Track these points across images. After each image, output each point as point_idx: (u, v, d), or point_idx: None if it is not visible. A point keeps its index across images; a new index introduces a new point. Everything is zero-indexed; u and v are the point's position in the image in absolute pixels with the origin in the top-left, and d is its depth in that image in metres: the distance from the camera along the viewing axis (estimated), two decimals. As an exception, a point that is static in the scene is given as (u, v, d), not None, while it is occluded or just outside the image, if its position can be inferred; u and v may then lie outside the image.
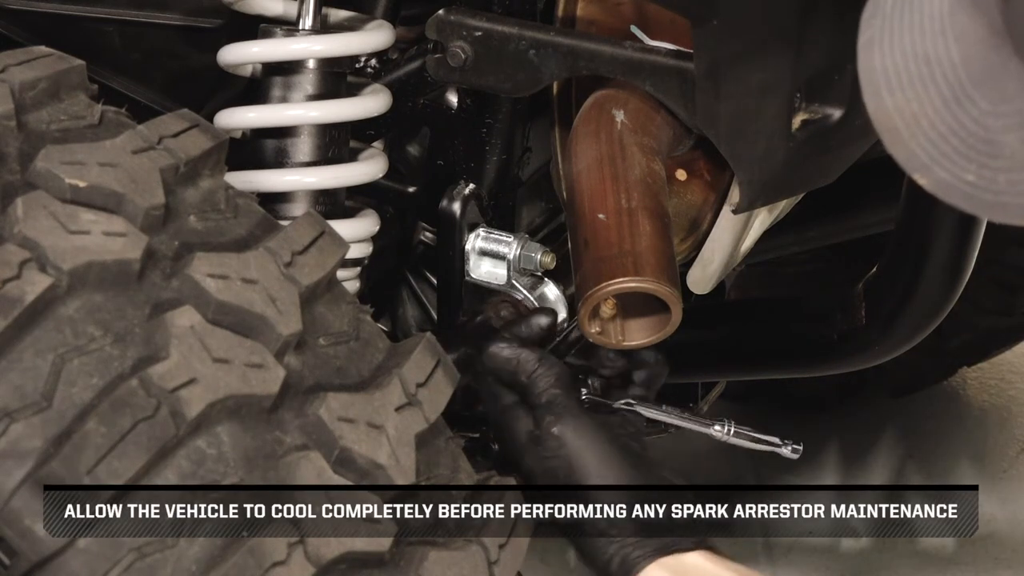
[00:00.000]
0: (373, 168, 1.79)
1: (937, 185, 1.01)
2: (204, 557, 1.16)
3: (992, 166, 0.98)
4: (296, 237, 1.35)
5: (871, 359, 1.91)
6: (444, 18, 1.62)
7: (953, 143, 0.99)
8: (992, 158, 0.98)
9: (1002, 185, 0.98)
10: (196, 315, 1.23)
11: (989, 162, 0.98)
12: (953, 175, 1.00)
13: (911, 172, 1.02)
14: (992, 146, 0.98)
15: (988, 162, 0.98)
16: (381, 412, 1.29)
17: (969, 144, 0.99)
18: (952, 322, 1.95)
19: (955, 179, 1.00)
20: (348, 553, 1.22)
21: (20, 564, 1.14)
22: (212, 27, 1.86)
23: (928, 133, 1.00)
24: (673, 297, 1.49)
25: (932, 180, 1.01)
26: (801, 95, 1.56)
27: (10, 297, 1.17)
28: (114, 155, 1.29)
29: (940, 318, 1.82)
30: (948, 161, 1.00)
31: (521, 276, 1.79)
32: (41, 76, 1.34)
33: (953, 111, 0.99)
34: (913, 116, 1.00)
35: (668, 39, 1.62)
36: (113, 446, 1.15)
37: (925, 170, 1.01)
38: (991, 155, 0.98)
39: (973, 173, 0.99)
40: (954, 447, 3.16)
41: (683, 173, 1.73)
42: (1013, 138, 0.97)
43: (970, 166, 0.99)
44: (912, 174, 1.02)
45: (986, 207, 1.00)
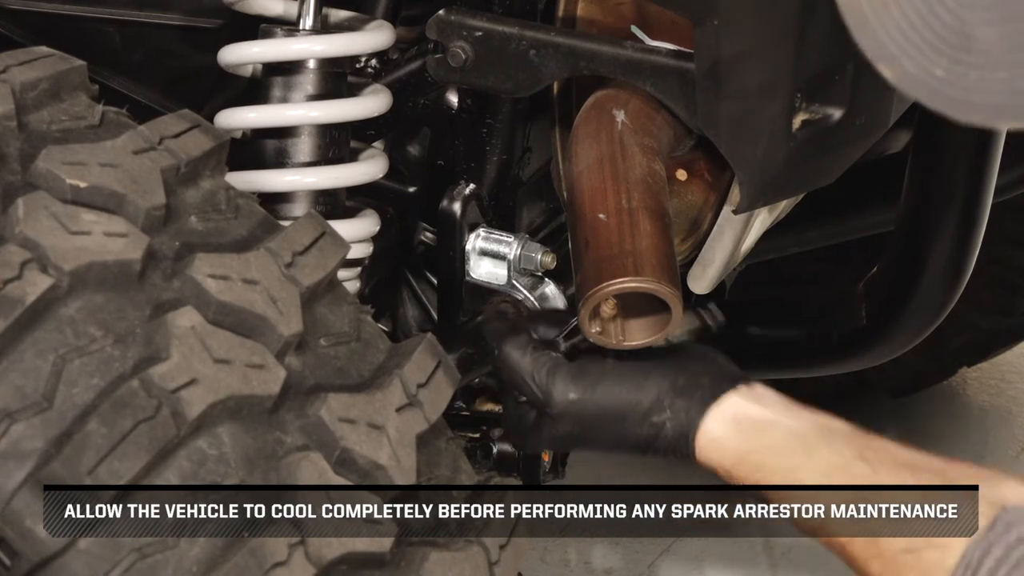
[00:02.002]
0: (373, 168, 1.79)
1: (903, 78, 0.97)
2: (205, 558, 1.16)
3: (965, 61, 0.93)
4: (297, 237, 1.35)
5: (871, 359, 1.91)
6: (444, 18, 1.62)
7: (924, 34, 0.95)
8: (965, 52, 0.93)
9: (972, 82, 0.93)
10: (197, 316, 1.23)
11: (962, 57, 0.93)
12: (922, 68, 0.95)
13: (876, 62, 0.98)
14: (966, 40, 0.93)
15: (961, 57, 0.93)
16: (382, 413, 1.29)
17: (941, 36, 0.94)
18: (952, 322, 1.95)
19: (923, 72, 0.95)
20: (349, 554, 1.22)
21: (21, 565, 1.14)
22: (212, 27, 1.86)
23: (898, 21, 0.96)
24: (673, 297, 1.48)
25: (899, 72, 0.97)
26: (801, 95, 1.56)
27: (11, 297, 1.17)
28: (115, 155, 1.29)
29: (940, 318, 1.83)
30: (918, 53, 0.95)
31: (521, 276, 1.79)
32: (42, 76, 1.34)
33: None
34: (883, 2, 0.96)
35: (668, 39, 1.62)
36: (114, 447, 1.15)
37: (892, 60, 0.97)
38: (964, 49, 0.93)
39: (943, 68, 0.94)
40: (954, 447, 3.16)
41: (683, 173, 1.72)
42: (990, 32, 0.92)
43: (941, 60, 0.94)
44: (877, 64, 0.97)
45: (952, 104, 0.96)
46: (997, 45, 0.93)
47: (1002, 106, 0.94)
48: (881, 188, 2.07)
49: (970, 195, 1.77)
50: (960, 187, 1.77)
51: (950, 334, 2.83)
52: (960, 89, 0.95)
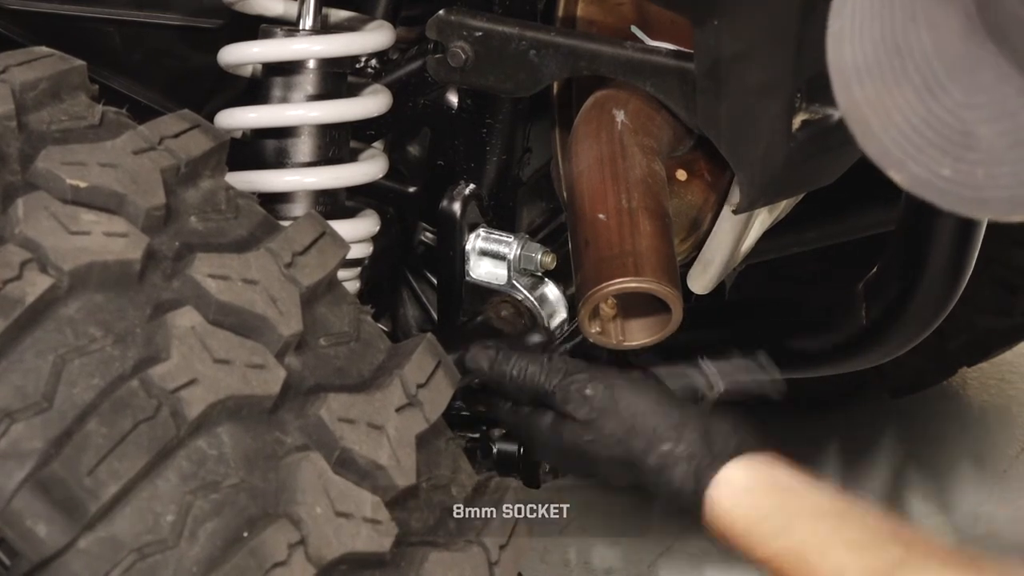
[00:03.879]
0: (373, 168, 1.79)
1: (913, 181, 0.98)
2: (205, 558, 1.16)
3: (968, 159, 0.95)
4: (297, 238, 1.35)
5: (871, 359, 1.91)
6: (444, 18, 1.62)
7: (927, 136, 0.96)
8: (968, 151, 0.94)
9: (980, 179, 0.95)
10: (197, 316, 1.23)
11: (965, 155, 0.95)
12: (928, 170, 0.97)
13: (885, 168, 0.99)
14: (968, 138, 0.94)
15: (964, 155, 0.95)
16: (382, 413, 1.29)
17: (944, 137, 0.95)
18: (952, 322, 1.95)
19: (931, 174, 0.96)
20: (349, 554, 1.22)
21: (21, 565, 1.14)
22: (212, 27, 1.86)
23: (901, 127, 0.97)
24: (673, 297, 1.49)
25: (907, 176, 0.98)
26: (801, 95, 1.56)
27: (11, 298, 1.17)
28: (115, 156, 1.29)
29: (940, 318, 1.83)
30: (923, 155, 0.96)
31: (521, 276, 1.79)
32: (42, 76, 1.34)
33: (927, 103, 0.95)
34: (885, 109, 0.97)
35: (668, 39, 1.62)
36: (114, 447, 1.15)
37: (899, 166, 0.98)
38: (967, 148, 0.94)
39: (949, 167, 0.95)
40: (954, 447, 3.16)
41: (683, 173, 1.73)
42: (989, 130, 0.94)
43: (945, 160, 0.95)
44: (886, 171, 0.99)
45: (965, 203, 0.97)
46: (997, 141, 0.94)
47: (1013, 199, 0.95)
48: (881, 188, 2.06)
49: (970, 195, 1.77)
50: (960, 187, 1.76)
51: (950, 334, 2.83)
52: (970, 188, 0.96)
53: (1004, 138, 0.93)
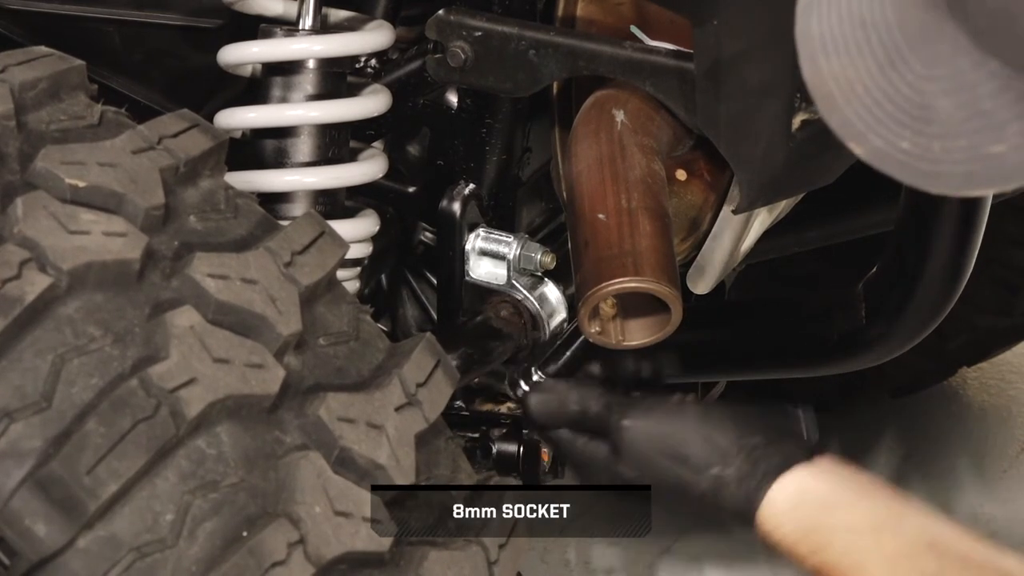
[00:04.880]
0: (373, 168, 1.79)
1: (872, 154, 1.00)
2: (204, 557, 1.16)
3: (927, 132, 0.96)
4: (296, 237, 1.35)
5: (871, 359, 1.91)
6: (444, 18, 1.62)
7: (888, 109, 0.98)
8: (927, 124, 0.96)
9: (937, 153, 0.96)
10: (196, 315, 1.23)
11: (924, 128, 0.96)
12: (888, 143, 0.98)
13: (846, 140, 1.00)
14: (926, 111, 0.96)
15: (923, 128, 0.96)
16: (381, 412, 1.29)
17: (904, 110, 0.97)
18: (952, 322, 1.95)
19: (890, 147, 0.98)
20: (348, 553, 1.22)
21: (20, 564, 1.14)
22: (212, 27, 1.86)
23: (863, 99, 0.99)
24: (673, 297, 1.49)
25: (867, 148, 1.00)
26: (801, 95, 1.56)
27: (10, 297, 1.17)
28: (114, 155, 1.29)
29: (940, 318, 1.82)
30: (883, 128, 0.98)
31: (521, 276, 1.79)
32: (41, 76, 1.34)
33: (888, 75, 0.97)
34: (848, 81, 0.99)
35: (668, 39, 1.62)
36: (113, 446, 1.15)
37: (860, 138, 1.00)
38: (925, 121, 0.96)
39: (908, 140, 0.97)
40: (954, 447, 3.16)
41: (683, 173, 1.72)
42: (947, 103, 0.95)
43: (905, 133, 0.97)
44: (847, 142, 1.00)
45: (922, 176, 0.99)
46: (954, 114, 0.96)
47: (970, 173, 0.96)
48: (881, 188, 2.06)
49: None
50: (960, 187, 1.76)
51: (950, 334, 2.83)
52: (927, 161, 0.98)
53: (960, 111, 0.95)
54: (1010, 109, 0.94)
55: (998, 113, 0.94)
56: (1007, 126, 0.94)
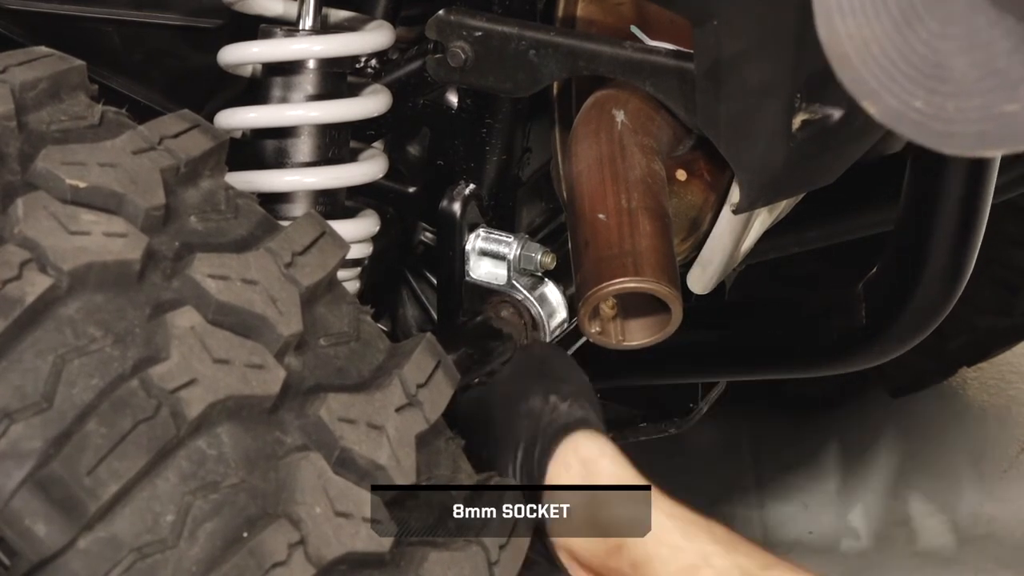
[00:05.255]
0: (373, 168, 1.79)
1: (886, 113, 1.00)
2: (204, 558, 1.16)
3: (941, 91, 0.97)
4: (296, 238, 1.35)
5: (871, 359, 1.91)
6: (444, 18, 1.62)
7: (902, 68, 0.98)
8: (941, 83, 0.96)
9: (951, 112, 0.96)
10: (196, 316, 1.23)
11: (938, 87, 0.97)
12: (902, 102, 0.99)
13: (860, 99, 1.01)
14: (941, 70, 0.96)
15: (937, 87, 0.97)
16: (381, 413, 1.29)
17: (918, 69, 0.97)
18: (952, 322, 1.95)
19: (904, 106, 0.98)
20: (349, 554, 1.22)
21: (20, 565, 1.14)
22: (212, 27, 1.86)
23: (878, 58, 0.99)
24: (673, 297, 1.49)
25: (881, 108, 1.00)
26: (801, 95, 1.56)
27: (10, 298, 1.17)
28: (114, 155, 1.29)
29: (940, 318, 1.83)
30: (897, 87, 0.98)
31: (521, 276, 1.79)
32: (41, 76, 1.33)
33: (904, 34, 0.98)
34: (864, 41, 0.99)
35: (668, 39, 1.62)
36: (113, 447, 1.15)
37: (875, 97, 1.00)
38: (940, 79, 0.96)
39: (922, 99, 0.97)
40: (954, 447, 3.16)
41: (683, 173, 1.73)
42: (961, 61, 0.95)
43: (919, 92, 0.97)
44: (861, 101, 1.01)
45: (936, 136, 0.98)
46: (968, 73, 0.96)
47: (982, 133, 0.96)
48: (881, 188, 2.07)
49: (970, 195, 1.77)
50: (959, 187, 1.77)
51: (950, 334, 2.83)
52: (941, 121, 0.97)
53: (975, 70, 0.95)
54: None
55: (1012, 71, 0.94)
56: (1021, 85, 0.94)
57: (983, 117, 0.95)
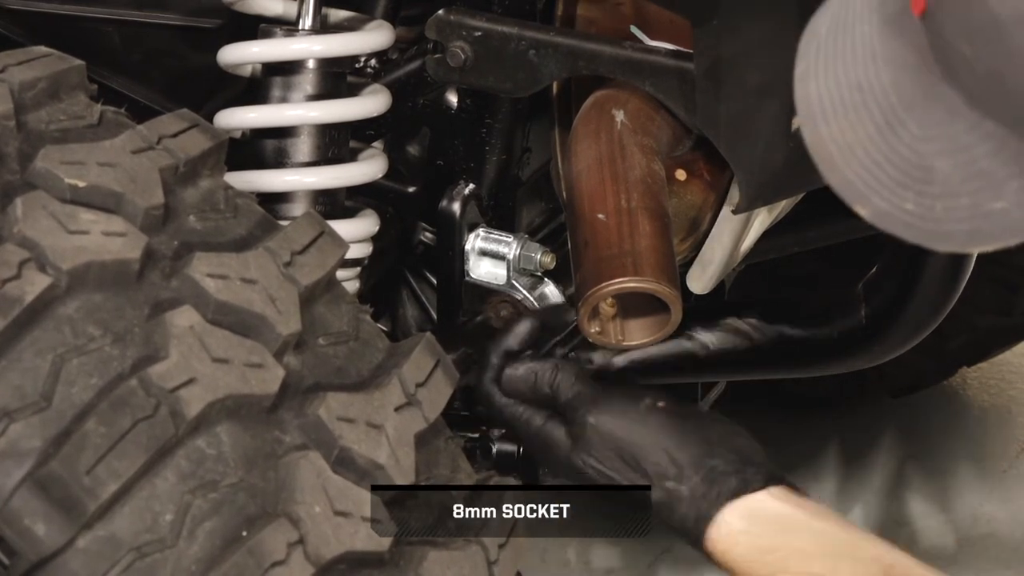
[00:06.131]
0: (373, 168, 1.79)
1: (877, 215, 1.00)
2: (204, 557, 1.16)
3: (928, 193, 0.97)
4: (296, 237, 1.35)
5: (871, 359, 1.91)
6: (444, 18, 1.62)
7: (888, 171, 0.99)
8: (927, 184, 0.97)
9: (939, 212, 0.97)
10: (195, 315, 1.23)
11: (925, 188, 0.97)
12: (892, 204, 0.99)
13: (850, 202, 1.01)
14: (926, 172, 0.97)
15: (924, 189, 0.97)
16: (381, 412, 1.29)
17: (904, 171, 0.98)
18: (952, 322, 1.95)
19: (894, 208, 0.99)
20: (348, 553, 1.22)
21: (20, 564, 1.14)
22: (212, 27, 1.86)
23: (864, 162, 0.99)
24: (673, 297, 1.49)
25: (872, 210, 1.00)
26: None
27: (10, 297, 1.17)
28: (113, 155, 1.29)
29: (940, 318, 1.82)
30: (886, 190, 0.99)
31: (521, 276, 1.79)
32: (40, 76, 1.34)
33: (886, 137, 0.98)
34: (848, 144, 1.00)
35: (668, 39, 1.62)
36: (112, 446, 1.15)
37: (864, 200, 1.00)
38: (926, 181, 0.97)
39: (911, 201, 0.98)
40: (954, 447, 3.16)
41: (683, 173, 1.72)
42: (945, 164, 0.96)
43: (908, 194, 0.98)
44: (852, 205, 1.01)
45: (927, 236, 0.99)
46: (953, 175, 0.96)
47: (973, 231, 0.97)
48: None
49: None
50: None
51: (950, 334, 2.83)
52: (931, 221, 0.98)
53: (959, 171, 0.96)
54: (1007, 167, 0.94)
55: (996, 172, 0.95)
56: (1006, 184, 0.94)
57: (973, 216, 0.96)
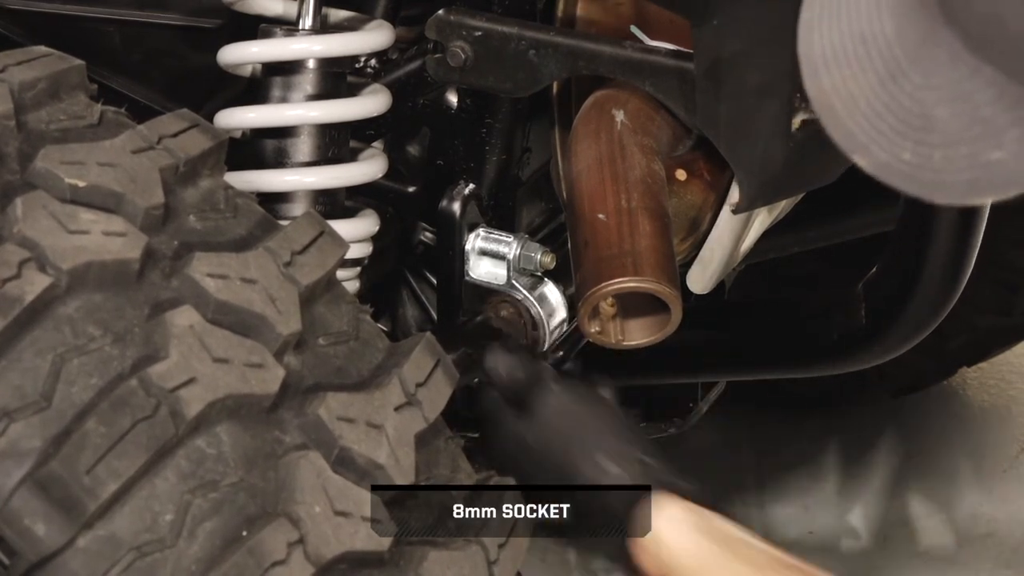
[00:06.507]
0: (373, 168, 1.79)
1: (876, 166, 1.01)
2: (203, 556, 1.16)
3: (927, 142, 0.97)
4: (296, 237, 1.35)
5: (871, 359, 1.91)
6: (444, 18, 1.62)
7: (889, 121, 0.99)
8: (928, 134, 0.97)
9: (938, 162, 0.97)
10: (195, 315, 1.23)
11: (924, 138, 0.97)
12: (891, 154, 0.99)
13: (850, 153, 1.02)
14: (926, 121, 0.97)
15: (923, 138, 0.97)
16: (380, 412, 1.29)
17: (905, 121, 0.98)
18: (952, 322, 1.95)
19: (893, 158, 0.99)
20: (348, 553, 1.22)
21: (20, 564, 1.14)
22: (212, 27, 1.86)
23: (865, 111, 1.00)
24: (673, 297, 1.49)
25: (871, 161, 1.01)
26: (801, 95, 1.56)
27: (10, 297, 1.17)
28: (114, 155, 1.29)
29: (940, 318, 1.82)
30: (885, 140, 0.99)
31: (521, 276, 1.79)
32: (41, 76, 1.34)
33: (888, 88, 0.98)
34: (850, 95, 1.00)
35: (668, 39, 1.62)
36: (112, 446, 1.15)
37: (863, 150, 1.01)
38: (926, 130, 0.97)
39: (910, 151, 0.98)
40: (954, 447, 3.16)
41: (683, 173, 1.73)
42: (945, 111, 0.96)
43: (906, 144, 0.98)
44: (851, 155, 1.02)
45: (925, 187, 0.99)
46: (953, 123, 0.97)
47: (972, 181, 0.97)
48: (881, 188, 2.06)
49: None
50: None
51: (950, 334, 2.83)
52: (929, 171, 0.98)
53: (959, 119, 0.96)
54: (1007, 115, 0.95)
55: (996, 120, 0.95)
56: (1005, 132, 0.95)
57: (971, 165, 0.96)
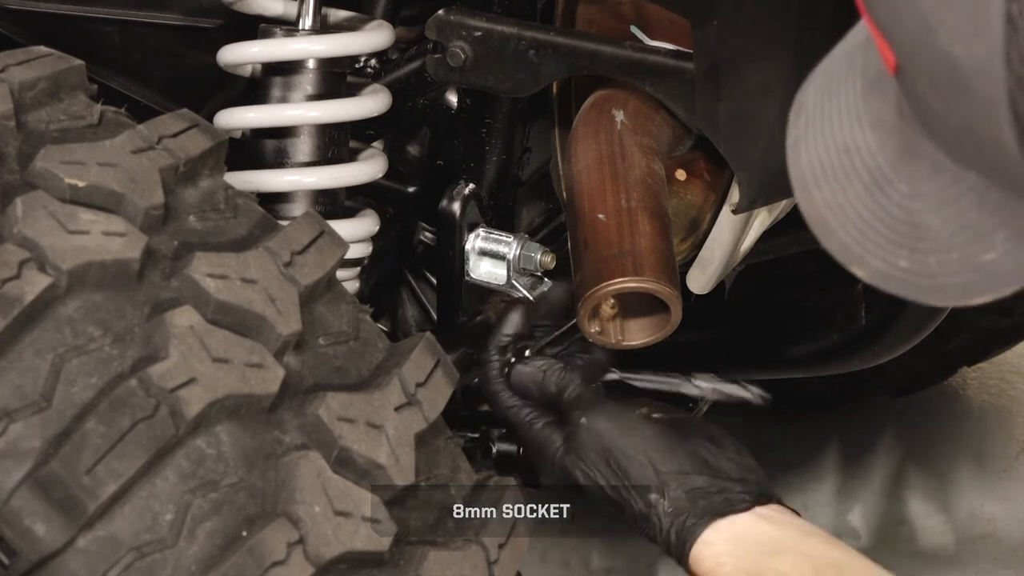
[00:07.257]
0: (373, 168, 1.79)
1: (874, 275, 1.01)
2: (203, 557, 1.16)
3: (921, 249, 0.98)
4: (296, 237, 1.35)
5: (871, 359, 1.91)
6: (444, 18, 1.62)
7: (881, 231, 0.99)
8: (919, 241, 0.98)
9: (933, 267, 0.98)
10: (195, 315, 1.23)
11: (917, 245, 0.98)
12: (887, 263, 1.00)
13: (847, 265, 1.02)
14: (917, 229, 0.98)
15: (916, 245, 0.98)
16: (380, 412, 1.29)
17: (896, 229, 0.99)
18: (952, 322, 1.95)
19: (890, 267, 1.00)
20: (348, 553, 1.22)
21: (20, 564, 1.14)
22: (212, 27, 1.86)
23: (856, 223, 1.00)
24: (673, 297, 1.49)
25: (869, 271, 1.01)
26: (801, 95, 1.56)
27: (9, 297, 1.17)
28: (113, 155, 1.29)
29: (940, 318, 1.83)
30: (880, 249, 1.00)
31: (521, 276, 1.79)
32: (41, 76, 1.34)
33: (876, 197, 0.99)
34: (840, 207, 1.01)
35: (668, 39, 1.62)
36: (112, 446, 1.15)
37: (860, 261, 1.01)
38: (918, 238, 0.98)
39: (905, 259, 0.99)
40: (954, 447, 3.16)
41: (683, 173, 1.73)
42: (934, 218, 0.97)
43: (901, 252, 0.99)
44: (849, 267, 1.02)
45: (925, 292, 1.00)
46: (943, 229, 0.97)
47: (968, 283, 0.97)
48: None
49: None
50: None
51: (950, 334, 2.83)
52: (926, 277, 0.99)
53: (948, 225, 0.97)
54: (993, 218, 0.95)
55: (983, 223, 0.95)
56: (994, 234, 0.95)
57: (965, 268, 0.97)
